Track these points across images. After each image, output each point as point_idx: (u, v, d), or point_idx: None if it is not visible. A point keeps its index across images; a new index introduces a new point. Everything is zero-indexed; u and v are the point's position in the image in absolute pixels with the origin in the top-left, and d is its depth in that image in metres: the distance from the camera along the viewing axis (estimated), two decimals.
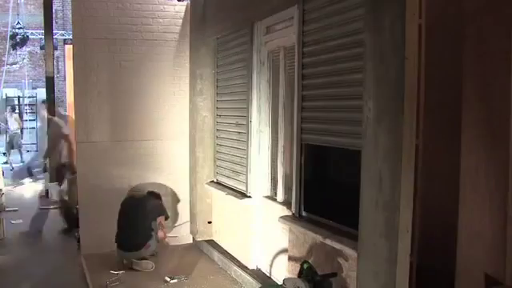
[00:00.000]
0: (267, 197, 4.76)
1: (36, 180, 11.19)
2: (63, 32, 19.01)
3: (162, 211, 5.60)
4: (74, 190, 6.34)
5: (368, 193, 2.91)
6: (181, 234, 6.25)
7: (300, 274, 3.24)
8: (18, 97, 19.45)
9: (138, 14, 5.95)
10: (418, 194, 2.75)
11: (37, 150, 18.48)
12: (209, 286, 4.91)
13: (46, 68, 10.89)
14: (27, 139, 19.30)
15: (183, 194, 6.24)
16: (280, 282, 3.74)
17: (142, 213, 5.34)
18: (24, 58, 20.17)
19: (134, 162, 6.00)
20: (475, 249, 2.77)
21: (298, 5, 3.92)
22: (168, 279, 4.88)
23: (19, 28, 18.14)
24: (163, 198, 6.07)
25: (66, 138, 7.20)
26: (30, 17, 19.02)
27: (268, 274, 4.71)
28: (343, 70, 3.37)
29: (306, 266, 3.23)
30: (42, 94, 15.55)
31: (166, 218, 5.69)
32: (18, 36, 18.15)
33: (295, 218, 3.98)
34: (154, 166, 6.08)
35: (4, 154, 14.67)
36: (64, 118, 8.60)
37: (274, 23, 4.55)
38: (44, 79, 11.45)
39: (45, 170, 9.00)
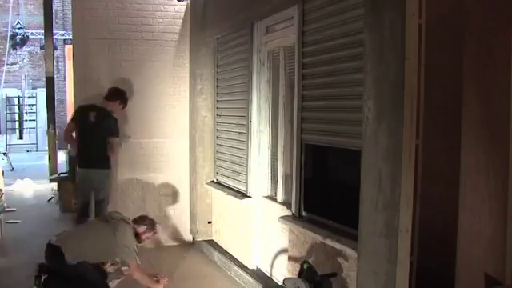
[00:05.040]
0: (267, 197, 4.76)
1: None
2: (63, 32, 19.02)
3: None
4: None
5: (368, 193, 2.91)
6: (181, 233, 6.27)
7: (300, 274, 3.24)
8: (18, 97, 19.44)
9: (138, 13, 5.95)
10: (418, 194, 2.75)
11: (37, 150, 18.51)
12: (209, 285, 4.92)
13: (45, 68, 10.91)
14: (27, 139, 19.32)
15: (183, 194, 6.24)
16: (280, 282, 3.74)
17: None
18: (24, 58, 20.17)
19: (133, 161, 6.00)
20: (475, 249, 2.78)
21: (297, 5, 3.92)
22: None
23: (19, 28, 18.17)
24: (164, 198, 6.09)
25: None
26: (29, 17, 19.04)
27: (268, 274, 4.71)
28: (343, 70, 3.37)
29: (305, 266, 3.23)
30: (42, 93, 15.57)
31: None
32: (18, 36, 18.17)
33: (295, 218, 3.98)
34: (154, 165, 6.08)
35: (4, 153, 14.66)
36: None
37: (274, 23, 4.55)
38: (44, 79, 11.47)
39: None
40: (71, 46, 6.42)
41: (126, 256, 4.23)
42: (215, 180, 5.87)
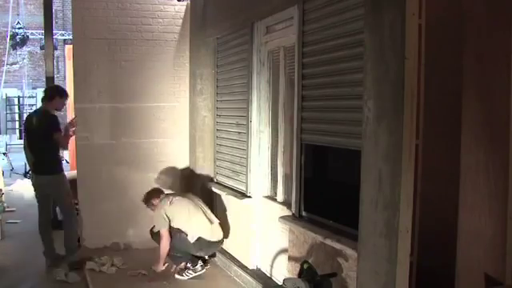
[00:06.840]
0: (267, 197, 4.75)
1: None
2: (63, 32, 19.04)
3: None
4: None
5: (368, 193, 2.91)
6: None
7: (300, 274, 3.23)
8: (18, 97, 19.44)
9: (138, 13, 5.95)
10: (418, 193, 2.75)
11: None
12: (209, 285, 4.91)
13: (45, 68, 10.88)
14: None
15: None
16: (280, 282, 3.74)
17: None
18: (24, 58, 20.17)
19: (133, 161, 6.00)
20: (475, 249, 2.77)
21: (297, 5, 3.92)
22: None
23: (19, 28, 18.19)
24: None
25: None
26: (29, 17, 19.06)
27: (268, 274, 4.71)
28: (343, 70, 3.37)
29: (305, 266, 3.22)
30: (41, 93, 15.57)
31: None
32: (18, 36, 18.20)
33: (295, 218, 3.98)
34: (154, 165, 6.08)
35: (4, 154, 14.66)
36: None
37: (274, 23, 4.55)
38: (44, 79, 11.47)
39: None
40: (71, 45, 6.42)
41: None
42: (215, 180, 5.87)
